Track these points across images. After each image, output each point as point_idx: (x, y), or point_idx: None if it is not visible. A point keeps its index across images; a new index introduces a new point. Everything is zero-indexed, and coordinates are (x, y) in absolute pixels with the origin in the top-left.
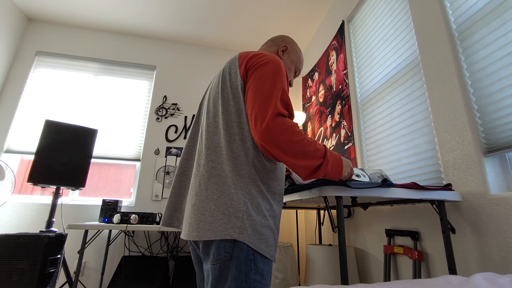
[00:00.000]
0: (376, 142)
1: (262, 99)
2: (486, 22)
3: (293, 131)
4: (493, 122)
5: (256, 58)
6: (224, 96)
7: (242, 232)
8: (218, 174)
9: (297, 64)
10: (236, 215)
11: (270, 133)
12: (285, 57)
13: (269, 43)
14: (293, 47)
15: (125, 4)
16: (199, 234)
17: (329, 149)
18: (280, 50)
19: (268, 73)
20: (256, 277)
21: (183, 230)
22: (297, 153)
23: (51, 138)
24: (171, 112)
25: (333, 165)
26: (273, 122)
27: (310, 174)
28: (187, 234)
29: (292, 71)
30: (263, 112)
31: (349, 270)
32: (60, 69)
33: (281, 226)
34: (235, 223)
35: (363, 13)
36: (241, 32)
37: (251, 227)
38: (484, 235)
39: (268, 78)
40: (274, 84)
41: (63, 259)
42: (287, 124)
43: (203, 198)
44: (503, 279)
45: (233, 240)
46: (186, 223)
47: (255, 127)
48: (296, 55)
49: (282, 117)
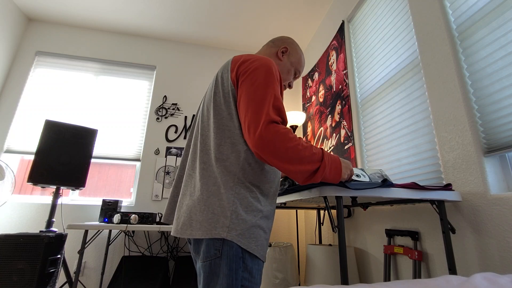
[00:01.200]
0: (376, 142)
1: (255, 107)
2: (486, 22)
3: (286, 137)
4: (493, 122)
5: (247, 63)
6: (216, 100)
7: (230, 231)
8: (209, 175)
9: (297, 66)
10: (224, 215)
11: (264, 141)
12: (284, 58)
13: (269, 44)
14: (293, 49)
15: (125, 4)
16: (192, 232)
17: (327, 152)
18: (279, 51)
19: (260, 79)
20: (245, 275)
21: (174, 226)
22: (291, 159)
23: (51, 138)
24: (171, 112)
25: (331, 168)
26: (266, 130)
27: (307, 178)
28: (180, 231)
29: (292, 73)
30: (255, 120)
31: (349, 270)
32: (60, 69)
33: (281, 226)
34: (223, 222)
35: (363, 13)
36: (241, 32)
37: (239, 226)
38: (484, 235)
39: (260, 85)
40: (266, 91)
41: (63, 259)
42: (280, 131)
43: (195, 198)
44: (503, 279)
45: (222, 238)
46: (179, 221)
47: (248, 135)
48: (297, 57)
49: (275, 124)
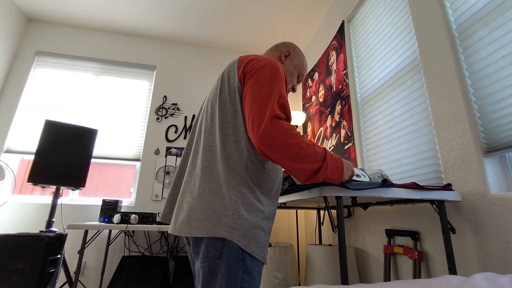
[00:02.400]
0: (376, 142)
1: (260, 103)
2: (486, 22)
3: (290, 133)
4: (493, 122)
5: (254, 62)
6: (222, 98)
7: (231, 231)
8: (211, 173)
9: (300, 69)
10: (226, 214)
11: (267, 136)
12: (287, 62)
13: (272, 49)
14: (295, 53)
15: (125, 4)
16: (190, 230)
17: (329, 152)
18: (282, 55)
19: (266, 77)
20: (245, 276)
21: (172, 224)
22: (294, 156)
23: (51, 138)
24: (171, 112)
25: (333, 168)
26: (270, 125)
27: (309, 177)
28: (177, 229)
29: (295, 76)
30: (260, 116)
31: (349, 270)
32: (60, 69)
33: (281, 226)
34: (225, 221)
35: (363, 13)
36: (241, 32)
37: (241, 226)
38: (484, 235)
39: (265, 82)
40: (271, 88)
41: (63, 259)
42: (284, 127)
43: (195, 196)
44: (503, 279)
45: (223, 238)
46: (177, 219)
47: (252, 131)
48: (299, 60)
49: (279, 120)
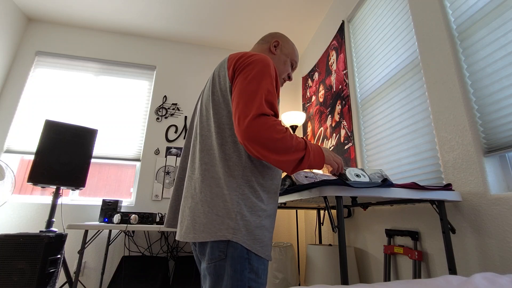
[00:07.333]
0: (376, 142)
1: (246, 99)
2: (486, 22)
3: (274, 129)
4: (493, 122)
5: (243, 58)
6: (215, 99)
7: (236, 233)
8: (211, 176)
9: (292, 56)
10: (229, 216)
11: (251, 131)
12: (278, 52)
13: (260, 42)
14: (284, 41)
15: (125, 4)
16: (195, 235)
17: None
18: (272, 46)
19: (254, 73)
20: (251, 275)
21: (178, 231)
22: (279, 149)
23: (51, 138)
24: (171, 112)
25: (314, 154)
26: (255, 121)
27: (295, 167)
28: (183, 236)
29: (289, 64)
30: (246, 112)
31: (349, 270)
32: (60, 69)
33: (281, 226)
34: (228, 224)
35: (363, 13)
36: (241, 32)
37: (245, 227)
38: (484, 235)
39: (253, 78)
40: (259, 84)
41: (63, 259)
42: (269, 122)
43: (198, 201)
44: (503, 279)
45: (227, 240)
46: (182, 225)
47: (238, 126)
48: (289, 48)
49: (265, 117)
